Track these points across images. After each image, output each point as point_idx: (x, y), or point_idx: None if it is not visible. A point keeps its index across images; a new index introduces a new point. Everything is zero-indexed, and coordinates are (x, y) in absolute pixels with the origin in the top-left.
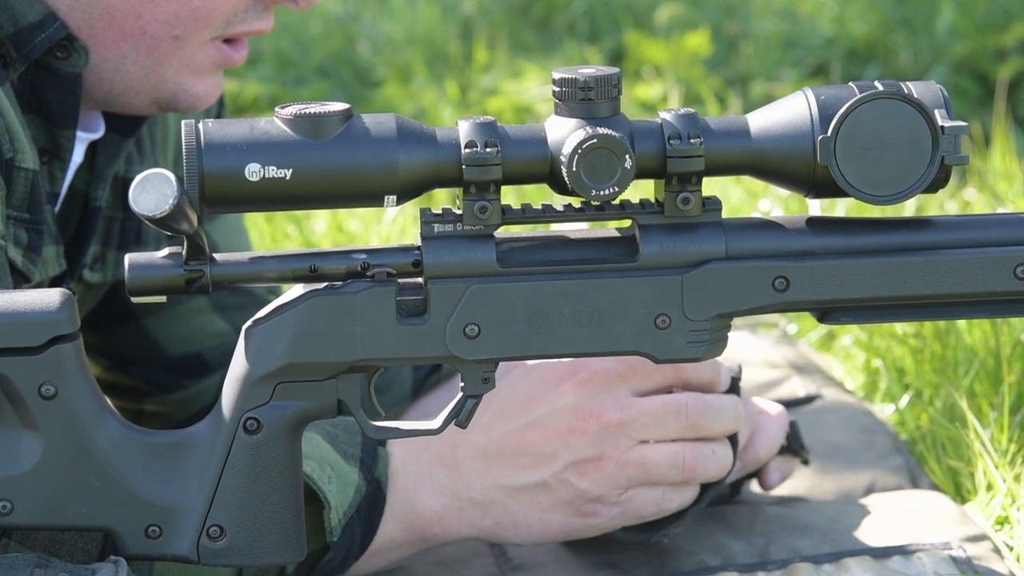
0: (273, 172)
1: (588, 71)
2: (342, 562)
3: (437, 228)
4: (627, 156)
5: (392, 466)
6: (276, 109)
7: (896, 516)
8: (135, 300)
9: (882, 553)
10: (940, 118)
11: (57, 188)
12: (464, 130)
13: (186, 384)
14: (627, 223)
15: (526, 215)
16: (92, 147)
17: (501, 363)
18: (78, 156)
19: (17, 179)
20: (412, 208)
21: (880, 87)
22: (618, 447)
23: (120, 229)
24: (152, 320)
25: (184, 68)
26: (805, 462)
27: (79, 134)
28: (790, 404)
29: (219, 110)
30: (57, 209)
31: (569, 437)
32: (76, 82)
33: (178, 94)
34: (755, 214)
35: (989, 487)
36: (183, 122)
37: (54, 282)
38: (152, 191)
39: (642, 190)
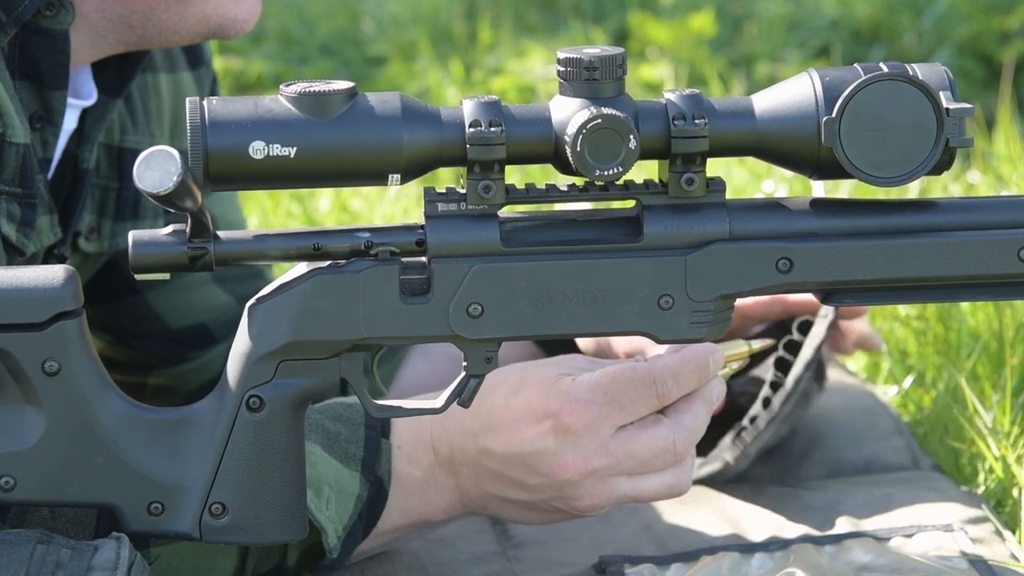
0: (277, 150)
1: (593, 51)
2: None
3: (441, 207)
4: (631, 136)
5: (396, 469)
6: (280, 87)
7: (898, 498)
8: (139, 277)
9: (884, 534)
10: (945, 100)
11: (49, 154)
12: (468, 109)
13: (192, 355)
14: (631, 203)
15: (530, 195)
16: (85, 114)
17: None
18: (71, 123)
19: (8, 154)
20: (416, 187)
21: (885, 68)
22: (606, 486)
23: (116, 199)
24: (154, 294)
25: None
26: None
27: (73, 101)
28: None
29: (212, 85)
30: (50, 176)
31: (552, 478)
32: (65, 40)
33: (224, 24)
34: (759, 195)
35: (991, 469)
36: (188, 99)
37: (49, 250)
38: (156, 168)
39: (646, 171)
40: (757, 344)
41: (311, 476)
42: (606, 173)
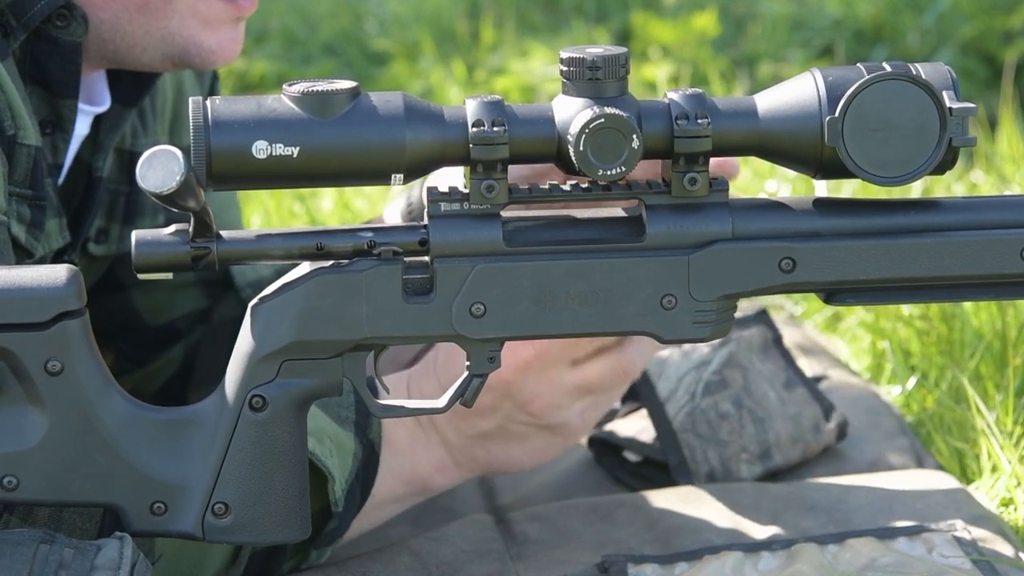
0: (280, 150)
1: (596, 51)
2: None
3: (444, 207)
4: (634, 136)
5: (385, 431)
6: (283, 87)
7: (901, 497)
8: (142, 277)
9: (887, 534)
10: (948, 100)
11: (60, 159)
12: (471, 109)
13: (157, 357)
14: (634, 203)
15: (533, 195)
16: (98, 120)
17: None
18: (84, 128)
19: (19, 155)
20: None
21: (888, 68)
22: (549, 379)
23: (125, 203)
24: (138, 293)
25: (189, 21)
26: None
27: (86, 107)
28: None
29: (212, 83)
30: (61, 181)
31: (498, 388)
32: (76, 51)
33: (189, 48)
34: (761, 195)
35: (994, 469)
36: (191, 99)
37: (57, 254)
38: (159, 168)
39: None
40: None
41: (311, 428)
42: (609, 173)
